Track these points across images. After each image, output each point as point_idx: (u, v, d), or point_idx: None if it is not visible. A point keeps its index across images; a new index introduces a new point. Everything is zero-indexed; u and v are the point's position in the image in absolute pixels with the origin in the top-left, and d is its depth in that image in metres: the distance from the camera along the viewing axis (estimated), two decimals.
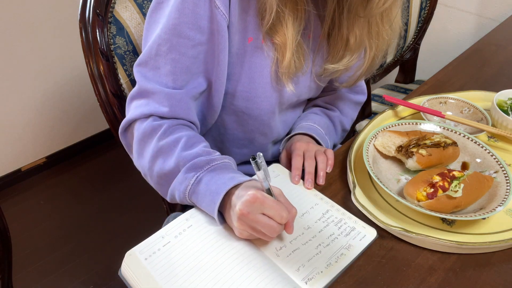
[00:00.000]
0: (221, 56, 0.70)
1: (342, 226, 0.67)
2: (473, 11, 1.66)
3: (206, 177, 0.64)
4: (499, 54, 1.18)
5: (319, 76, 0.82)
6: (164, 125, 0.69)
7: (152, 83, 0.70)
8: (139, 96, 0.72)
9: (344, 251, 0.63)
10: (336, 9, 0.73)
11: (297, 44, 0.71)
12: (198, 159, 0.66)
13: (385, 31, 0.75)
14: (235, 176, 0.64)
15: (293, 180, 0.75)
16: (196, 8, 0.66)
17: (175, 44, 0.68)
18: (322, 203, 0.71)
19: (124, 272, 0.61)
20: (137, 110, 0.70)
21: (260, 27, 0.70)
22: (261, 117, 0.81)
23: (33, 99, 1.84)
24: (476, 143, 0.78)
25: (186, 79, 0.71)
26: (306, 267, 0.60)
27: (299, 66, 0.74)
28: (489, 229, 0.66)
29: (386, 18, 0.73)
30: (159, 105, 0.69)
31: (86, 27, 0.83)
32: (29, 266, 1.58)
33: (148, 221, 1.70)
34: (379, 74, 1.46)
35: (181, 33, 0.67)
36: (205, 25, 0.67)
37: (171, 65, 0.69)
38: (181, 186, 0.66)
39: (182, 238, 0.63)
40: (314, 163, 0.77)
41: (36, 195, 1.89)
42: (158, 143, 0.68)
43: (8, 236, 0.76)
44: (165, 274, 0.59)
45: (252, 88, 0.75)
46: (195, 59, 0.70)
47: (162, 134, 0.68)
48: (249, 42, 0.71)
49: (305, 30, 0.74)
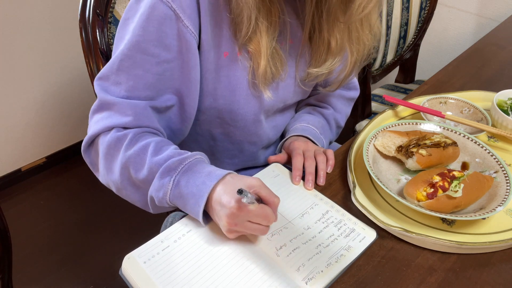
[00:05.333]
0: (192, 74, 0.69)
1: (341, 227, 0.67)
2: (473, 11, 1.66)
3: (183, 178, 0.63)
4: (499, 54, 1.18)
5: (303, 81, 0.82)
6: (130, 134, 0.67)
7: (113, 96, 0.68)
8: (100, 110, 0.69)
9: (344, 252, 0.63)
10: (315, 13, 0.73)
11: (272, 51, 0.71)
12: (170, 161, 0.64)
13: (365, 36, 0.75)
14: (212, 172, 0.63)
15: (293, 180, 0.75)
16: (162, 27, 0.65)
17: (139, 61, 0.66)
18: (322, 203, 0.71)
19: (123, 274, 0.61)
20: (99, 124, 0.68)
21: (235, 40, 0.70)
22: (247, 127, 0.81)
23: (33, 99, 1.84)
24: (476, 143, 0.78)
25: (150, 95, 0.69)
26: (306, 266, 0.60)
27: (276, 73, 0.73)
28: (489, 229, 0.66)
29: (366, 23, 0.73)
30: (122, 115, 0.67)
31: (86, 27, 0.83)
32: (29, 266, 1.58)
33: (148, 221, 1.70)
34: (379, 74, 1.46)
35: (145, 50, 0.66)
36: (173, 43, 0.66)
37: (134, 81, 0.67)
38: (159, 193, 0.64)
39: (182, 243, 0.63)
40: (314, 163, 0.77)
41: (36, 195, 1.89)
42: (126, 153, 0.65)
43: (8, 236, 0.76)
44: (164, 277, 0.59)
45: (235, 101, 0.75)
46: (160, 76, 0.68)
47: (128, 144, 0.66)
48: (225, 56, 0.71)
49: (282, 36, 0.74)
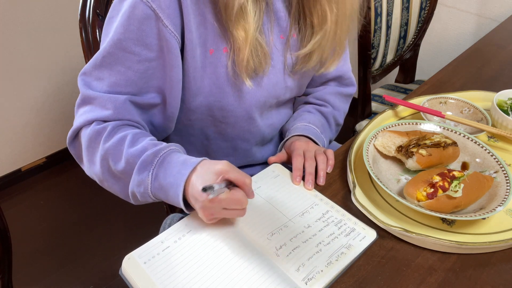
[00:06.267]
0: (173, 73, 0.70)
1: (342, 227, 0.67)
2: (473, 11, 1.66)
3: (160, 171, 0.64)
4: (499, 54, 1.18)
5: (293, 69, 0.81)
6: (108, 127, 0.69)
7: (95, 91, 0.70)
8: (83, 104, 0.71)
9: (344, 250, 0.63)
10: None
11: (255, 43, 0.71)
12: (145, 155, 0.65)
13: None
14: (186, 160, 0.64)
15: (294, 180, 0.75)
16: (142, 26, 0.66)
17: (121, 58, 0.68)
18: (322, 203, 0.71)
19: (123, 274, 0.61)
20: (81, 118, 0.70)
21: (220, 36, 0.71)
22: (239, 124, 0.81)
23: (33, 99, 1.84)
24: (476, 143, 0.78)
25: (132, 91, 0.71)
26: (306, 266, 0.60)
27: (258, 66, 0.73)
28: (489, 229, 0.66)
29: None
30: (102, 108, 0.69)
31: (86, 27, 0.83)
32: (29, 266, 1.58)
33: (148, 221, 1.70)
34: (379, 74, 1.46)
35: (126, 48, 0.67)
36: (153, 43, 0.67)
37: (116, 77, 0.69)
38: (140, 188, 0.65)
39: (182, 243, 0.63)
40: (315, 164, 0.77)
41: (36, 195, 1.89)
42: (105, 145, 0.67)
43: (8, 236, 0.76)
44: (165, 278, 0.59)
45: (224, 97, 0.76)
46: (142, 74, 0.70)
47: (107, 136, 0.68)
48: (211, 53, 0.72)
49: (266, 27, 0.75)
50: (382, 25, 1.35)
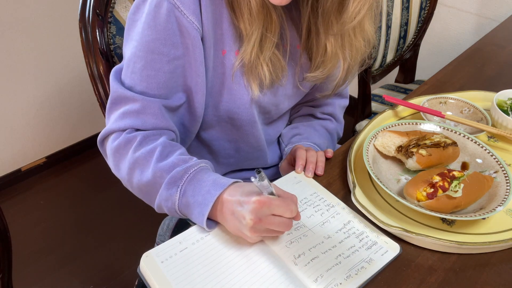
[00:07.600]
0: (200, 68, 0.71)
1: (363, 239, 0.65)
2: (473, 11, 1.66)
3: (189, 188, 0.64)
4: (499, 54, 1.18)
5: (301, 82, 0.83)
6: (139, 137, 0.69)
7: (129, 90, 0.70)
8: (116, 107, 0.72)
9: (364, 265, 0.61)
10: (311, 16, 0.75)
11: (271, 56, 0.72)
12: (175, 171, 0.65)
13: (358, 42, 0.76)
14: (216, 180, 0.64)
15: (296, 169, 0.77)
16: (168, 24, 0.66)
17: (150, 61, 0.68)
18: (344, 213, 0.69)
19: (142, 271, 0.61)
20: (115, 123, 0.71)
21: (236, 39, 0.71)
22: (244, 127, 0.82)
23: (33, 99, 1.84)
24: (476, 143, 0.78)
25: (164, 94, 0.71)
26: (324, 277, 0.59)
27: (276, 79, 0.75)
28: (489, 229, 0.66)
29: (358, 29, 0.75)
30: (135, 117, 0.70)
31: (86, 27, 0.83)
32: (29, 266, 1.58)
33: (148, 221, 1.70)
34: (379, 74, 1.46)
35: (155, 50, 0.67)
36: (180, 40, 0.68)
37: (147, 81, 0.69)
38: (168, 202, 0.65)
39: (200, 246, 0.63)
40: (316, 156, 0.79)
41: (36, 195, 1.89)
42: (134, 155, 0.68)
43: (8, 236, 0.76)
44: (181, 279, 0.58)
45: (231, 100, 0.76)
46: (172, 74, 0.70)
47: (137, 146, 0.68)
48: (223, 54, 0.72)
49: (281, 41, 0.75)
50: (382, 25, 1.35)
